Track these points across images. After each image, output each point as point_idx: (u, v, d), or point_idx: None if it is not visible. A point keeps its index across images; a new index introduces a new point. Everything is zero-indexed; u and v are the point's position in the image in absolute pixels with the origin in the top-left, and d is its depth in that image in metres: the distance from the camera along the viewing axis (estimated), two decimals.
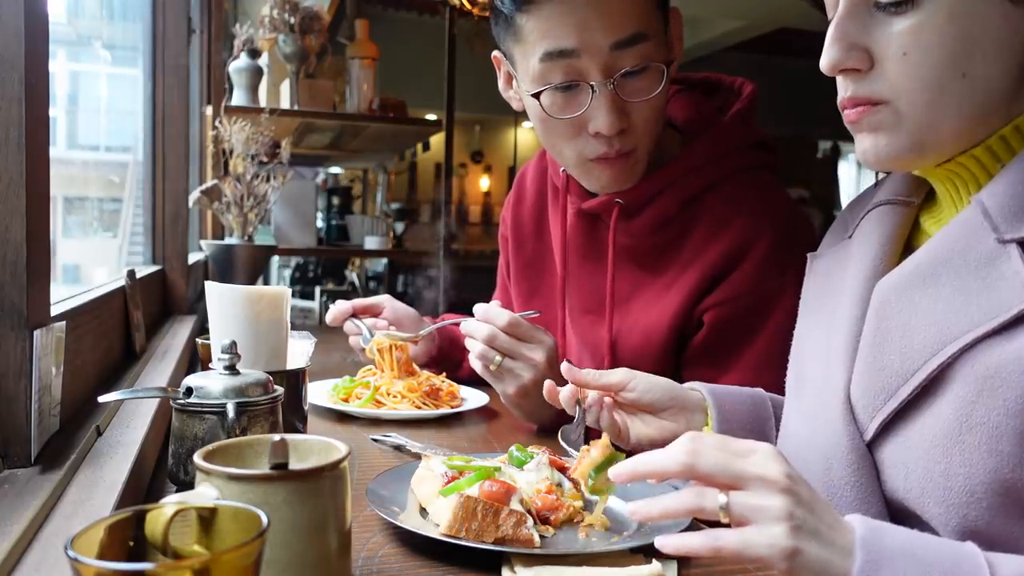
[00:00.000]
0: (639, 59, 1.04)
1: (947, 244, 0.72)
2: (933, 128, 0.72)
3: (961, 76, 0.69)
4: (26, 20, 0.67)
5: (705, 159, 1.13)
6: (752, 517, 0.57)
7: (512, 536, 0.66)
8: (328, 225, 3.55)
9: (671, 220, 1.14)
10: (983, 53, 0.69)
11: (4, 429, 0.68)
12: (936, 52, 0.69)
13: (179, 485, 0.76)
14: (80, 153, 2.03)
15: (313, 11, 2.63)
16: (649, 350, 1.16)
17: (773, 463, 0.59)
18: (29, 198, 0.68)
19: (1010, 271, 0.66)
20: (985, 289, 0.67)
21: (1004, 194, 0.69)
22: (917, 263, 0.73)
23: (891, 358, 0.72)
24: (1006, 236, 0.67)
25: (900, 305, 0.73)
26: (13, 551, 0.53)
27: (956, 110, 0.70)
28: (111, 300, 1.17)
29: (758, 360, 1.08)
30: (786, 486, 0.58)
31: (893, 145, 0.73)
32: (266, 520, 0.42)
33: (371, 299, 1.41)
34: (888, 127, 0.73)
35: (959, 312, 0.68)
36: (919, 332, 0.70)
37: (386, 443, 1.04)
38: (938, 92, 0.70)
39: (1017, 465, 0.63)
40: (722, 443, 0.62)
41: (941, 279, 0.70)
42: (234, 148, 1.92)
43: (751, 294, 1.09)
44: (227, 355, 0.76)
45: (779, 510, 0.57)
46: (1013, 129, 0.72)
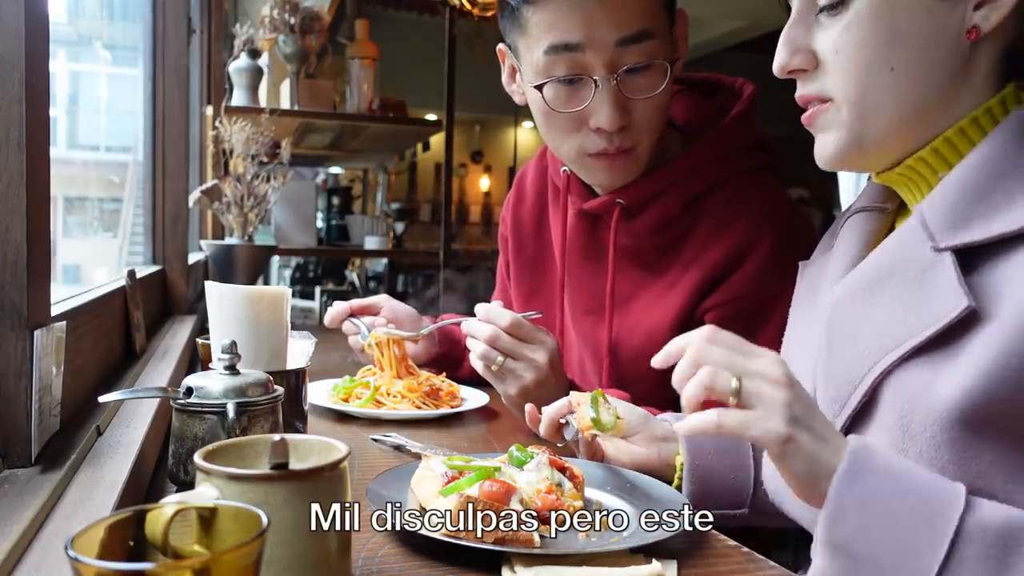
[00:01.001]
0: (643, 56, 1.04)
1: (889, 253, 0.73)
2: (869, 123, 0.74)
3: (889, 70, 0.71)
4: (26, 20, 0.67)
5: (706, 160, 1.13)
6: (755, 403, 0.63)
7: (512, 536, 0.66)
8: (328, 225, 3.55)
9: (672, 221, 1.14)
10: (910, 48, 0.71)
11: (4, 429, 0.68)
12: (863, 47, 0.72)
13: (179, 485, 0.76)
14: (80, 153, 2.03)
15: (313, 11, 2.63)
16: (651, 351, 1.13)
17: (778, 365, 0.64)
18: (29, 198, 0.68)
19: (943, 279, 0.66)
20: (921, 298, 0.68)
21: (941, 203, 0.69)
22: (863, 271, 0.75)
23: (840, 367, 0.73)
24: (941, 244, 0.68)
25: (848, 314, 0.75)
26: (13, 551, 0.53)
27: (888, 105, 0.72)
28: (111, 300, 1.17)
29: None
30: (788, 383, 0.63)
31: (837, 143, 0.76)
32: (266, 520, 0.42)
33: (369, 299, 1.41)
34: (832, 125, 0.76)
35: (898, 321, 0.69)
36: (862, 341, 0.71)
37: (386, 443, 1.04)
38: (868, 86, 0.73)
39: (957, 472, 0.64)
40: (736, 342, 0.66)
41: (883, 288, 0.72)
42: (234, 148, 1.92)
43: (752, 296, 1.10)
44: (227, 355, 0.76)
45: (780, 400, 0.62)
46: (958, 131, 0.72)
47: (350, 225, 3.53)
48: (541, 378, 1.04)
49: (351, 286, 4.58)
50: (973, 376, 0.62)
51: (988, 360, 0.62)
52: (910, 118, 0.73)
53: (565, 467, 0.80)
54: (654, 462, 0.91)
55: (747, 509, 0.92)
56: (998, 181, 0.67)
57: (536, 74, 1.08)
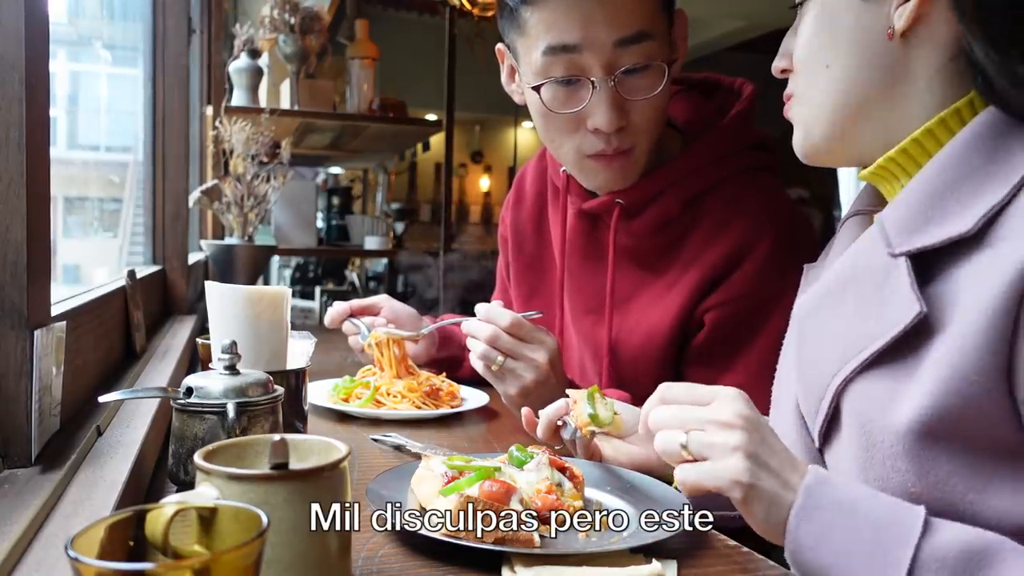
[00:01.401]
0: (641, 57, 1.04)
1: (851, 260, 0.74)
2: (813, 117, 0.78)
3: (824, 67, 0.76)
4: (26, 20, 0.67)
5: (706, 160, 1.13)
6: (708, 453, 0.64)
7: (512, 536, 0.66)
8: (328, 225, 3.55)
9: (672, 221, 1.14)
10: (841, 46, 0.75)
11: (4, 429, 0.68)
12: (806, 46, 0.78)
13: (179, 485, 0.76)
14: (80, 153, 2.03)
15: (313, 11, 2.63)
16: (650, 351, 1.16)
17: (729, 405, 0.65)
18: (29, 198, 0.68)
19: (898, 285, 0.67)
20: (879, 305, 0.68)
21: (900, 209, 0.70)
22: (828, 280, 0.76)
23: (812, 375, 0.74)
24: (896, 250, 0.68)
25: (814, 321, 0.76)
26: (13, 551, 0.53)
27: (826, 101, 0.77)
28: (111, 300, 1.17)
29: (758, 362, 1.08)
30: (739, 424, 0.64)
31: (798, 135, 0.81)
32: (266, 520, 0.42)
33: (369, 299, 1.41)
34: (795, 119, 0.81)
35: (858, 330, 0.69)
36: (829, 350, 0.72)
37: (386, 443, 1.04)
38: (811, 82, 0.78)
39: (917, 482, 0.64)
40: (686, 392, 0.68)
41: (846, 295, 0.73)
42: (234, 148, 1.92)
43: (751, 295, 1.10)
44: (227, 355, 0.76)
45: (732, 444, 0.63)
46: (925, 132, 0.73)
47: (350, 225, 3.53)
48: (541, 378, 1.04)
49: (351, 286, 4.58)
50: (927, 389, 0.63)
51: (940, 372, 0.62)
52: (849, 115, 0.76)
53: (565, 467, 0.80)
54: (653, 462, 0.91)
55: None
56: (954, 185, 0.68)
57: (534, 75, 1.08)
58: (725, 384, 1.05)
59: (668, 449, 0.66)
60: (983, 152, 0.67)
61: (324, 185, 4.20)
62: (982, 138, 0.68)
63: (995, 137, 0.67)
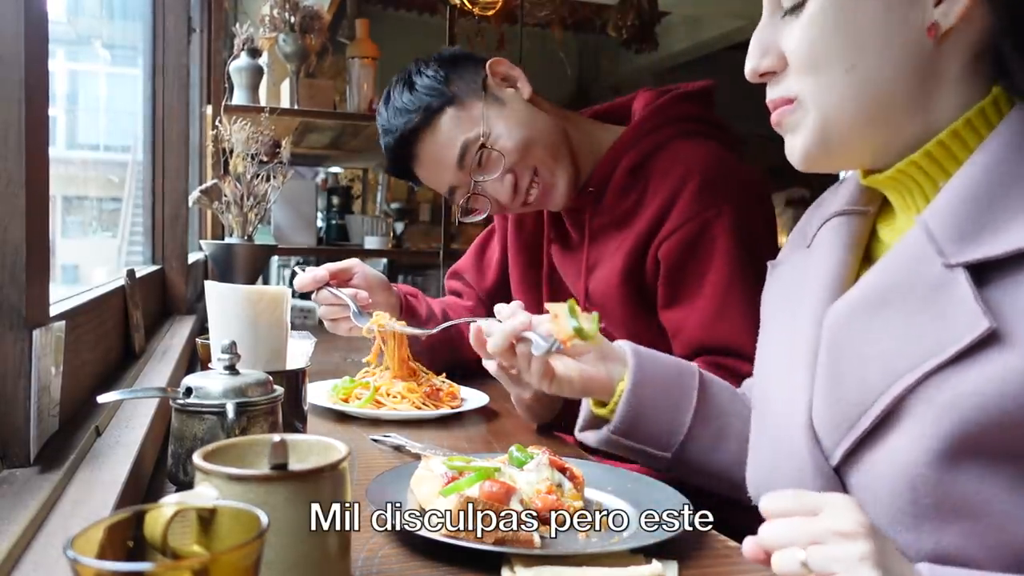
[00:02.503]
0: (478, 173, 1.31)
1: (894, 269, 0.70)
2: (831, 123, 0.72)
3: (850, 68, 0.70)
4: (25, 20, 0.67)
5: (641, 133, 1.32)
6: (835, 568, 0.56)
7: (512, 536, 0.66)
8: (328, 225, 3.54)
9: (628, 188, 1.31)
10: (868, 46, 0.69)
11: (3, 429, 0.68)
12: (821, 45, 0.71)
13: (179, 485, 0.76)
14: (80, 153, 2.02)
15: (313, 10, 2.63)
16: (611, 292, 1.31)
17: (845, 512, 0.58)
18: (28, 198, 0.68)
19: (958, 298, 0.64)
20: (935, 318, 0.65)
21: (947, 214, 0.67)
22: (866, 289, 0.72)
23: (848, 389, 0.70)
24: (952, 261, 0.65)
25: (852, 333, 0.71)
26: (12, 551, 0.53)
27: (849, 105, 0.71)
28: (110, 300, 1.17)
29: (718, 285, 1.21)
30: (861, 532, 0.57)
31: (804, 144, 0.75)
32: (266, 520, 0.42)
33: (342, 263, 1.41)
34: (798, 127, 0.75)
35: (912, 342, 0.66)
36: (873, 363, 0.69)
37: (386, 443, 1.04)
38: (828, 86, 0.71)
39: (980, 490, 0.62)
40: (793, 502, 0.60)
41: (890, 306, 0.69)
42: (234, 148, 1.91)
43: (692, 221, 1.23)
44: (227, 355, 0.76)
45: (859, 555, 0.56)
46: (951, 134, 0.70)
47: (350, 225, 3.53)
48: None
49: None
50: (990, 402, 0.61)
51: (1012, 384, 0.60)
52: (875, 118, 0.71)
53: (565, 467, 0.80)
54: (602, 380, 0.92)
55: (671, 455, 0.92)
56: (1006, 188, 0.65)
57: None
58: (695, 315, 1.22)
59: (789, 570, 0.58)
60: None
61: (324, 185, 4.20)
62: (1021, 138, 0.66)
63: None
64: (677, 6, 5.03)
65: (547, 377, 0.91)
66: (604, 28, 4.77)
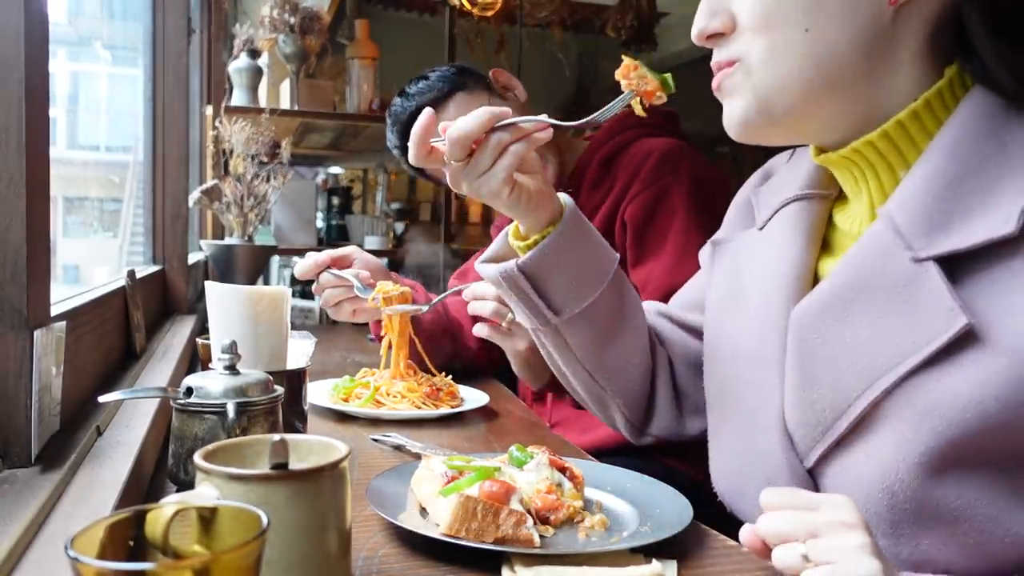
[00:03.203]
0: None
1: (861, 265, 0.67)
2: (777, 87, 0.69)
3: (804, 31, 0.67)
4: (26, 20, 0.67)
5: (613, 131, 1.48)
6: (835, 556, 0.56)
7: (512, 536, 0.66)
8: (328, 225, 3.54)
9: (600, 179, 1.45)
10: (827, 9, 0.66)
11: (4, 429, 0.68)
12: (776, 5, 0.68)
13: (179, 485, 0.76)
14: (80, 153, 2.03)
15: (313, 11, 2.63)
16: None
17: (844, 508, 0.58)
18: (29, 198, 0.68)
19: (930, 294, 0.61)
20: (908, 315, 0.62)
21: (912, 205, 0.64)
22: (833, 287, 0.69)
23: (822, 392, 0.68)
24: (921, 254, 0.62)
25: (822, 334, 0.69)
26: (13, 551, 0.53)
27: (798, 68, 0.68)
28: (111, 300, 1.17)
29: (679, 236, 1.33)
30: (861, 524, 0.57)
31: (745, 108, 0.72)
32: (266, 520, 0.42)
33: (341, 249, 1.41)
34: (739, 89, 0.72)
35: (886, 342, 0.64)
36: (847, 365, 0.66)
37: (386, 443, 1.04)
38: (780, 46, 0.68)
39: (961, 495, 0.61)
40: (791, 497, 0.60)
41: (860, 305, 0.66)
42: (234, 148, 1.92)
43: (653, 185, 1.37)
44: (227, 355, 0.76)
45: (858, 544, 0.56)
46: (911, 115, 0.67)
47: (350, 225, 3.53)
48: None
49: None
50: (972, 403, 0.59)
51: (992, 385, 0.58)
52: (825, 87, 0.68)
53: (565, 467, 0.80)
54: (552, 203, 0.86)
55: (559, 320, 0.88)
56: (969, 177, 0.62)
57: None
58: (657, 267, 1.29)
59: (790, 563, 0.58)
60: (990, 139, 0.63)
61: (324, 185, 4.20)
62: (984, 123, 0.63)
63: (996, 120, 0.63)
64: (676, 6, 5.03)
65: (510, 183, 0.82)
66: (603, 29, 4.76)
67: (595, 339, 0.91)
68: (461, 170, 0.82)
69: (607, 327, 0.91)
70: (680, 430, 0.98)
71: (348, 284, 1.34)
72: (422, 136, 0.82)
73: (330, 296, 1.37)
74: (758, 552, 0.60)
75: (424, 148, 0.82)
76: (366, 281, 1.34)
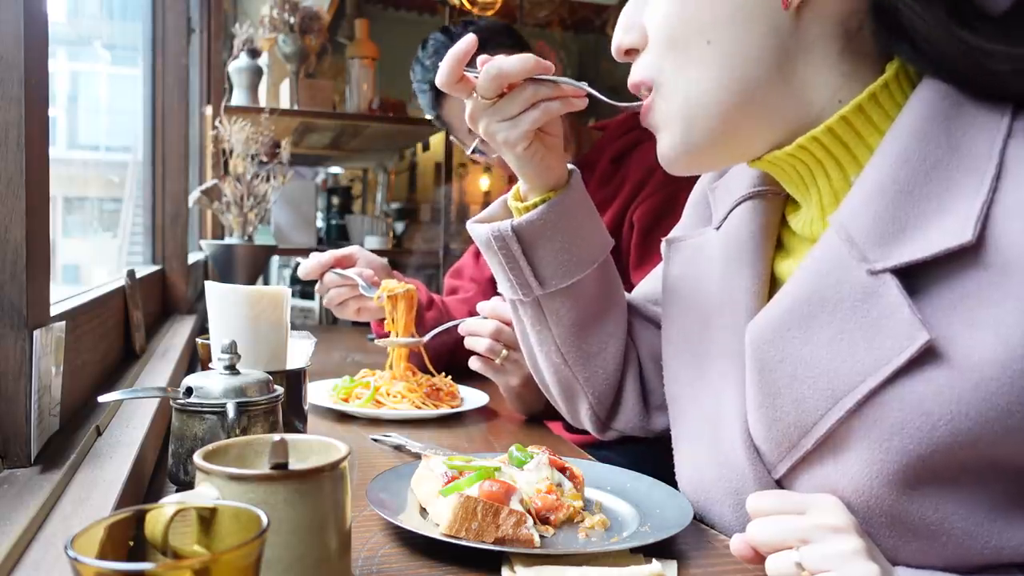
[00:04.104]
0: None
1: (814, 279, 0.64)
2: (698, 108, 0.67)
3: (706, 43, 0.65)
4: (25, 20, 0.67)
5: (625, 129, 1.48)
6: (831, 565, 0.55)
7: (512, 536, 0.66)
8: (328, 225, 3.55)
9: (609, 176, 1.45)
10: (725, 18, 0.64)
11: (4, 429, 0.68)
12: (678, 17, 0.66)
13: (179, 485, 0.76)
14: (80, 153, 2.03)
15: (313, 11, 2.63)
16: None
17: (833, 510, 0.58)
18: (29, 198, 0.68)
19: (888, 308, 0.59)
20: (867, 331, 0.60)
21: (864, 213, 0.61)
22: (787, 302, 0.66)
23: (785, 410, 0.66)
24: (877, 266, 0.59)
25: (781, 352, 0.66)
26: (13, 551, 0.53)
27: (707, 81, 0.66)
28: (111, 300, 1.17)
29: None
30: (852, 528, 0.56)
31: (668, 141, 0.71)
32: (266, 520, 0.42)
33: (344, 250, 1.42)
34: (661, 121, 0.71)
35: (846, 360, 0.61)
36: (808, 384, 0.64)
37: (386, 443, 1.04)
38: (685, 60, 0.67)
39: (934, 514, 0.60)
40: (778, 501, 0.59)
41: (817, 320, 0.63)
42: (234, 148, 1.92)
43: (664, 188, 1.37)
44: (227, 355, 0.76)
45: (853, 549, 0.55)
46: (855, 109, 0.64)
47: (350, 225, 3.53)
48: None
49: None
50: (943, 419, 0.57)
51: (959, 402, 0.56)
52: (739, 102, 0.66)
53: (565, 467, 0.80)
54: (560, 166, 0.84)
55: (540, 293, 0.86)
56: (920, 182, 0.59)
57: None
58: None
59: (784, 572, 0.57)
60: (940, 137, 0.60)
61: (324, 185, 4.20)
62: (934, 120, 0.60)
63: (947, 117, 0.60)
64: None
65: (529, 137, 0.80)
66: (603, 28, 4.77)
67: (575, 320, 0.89)
68: (485, 108, 0.79)
69: (589, 309, 0.89)
70: (646, 425, 0.96)
71: (352, 283, 1.34)
72: (459, 58, 0.77)
73: (335, 295, 1.37)
74: (750, 560, 0.59)
75: (456, 73, 0.78)
76: (370, 280, 1.34)
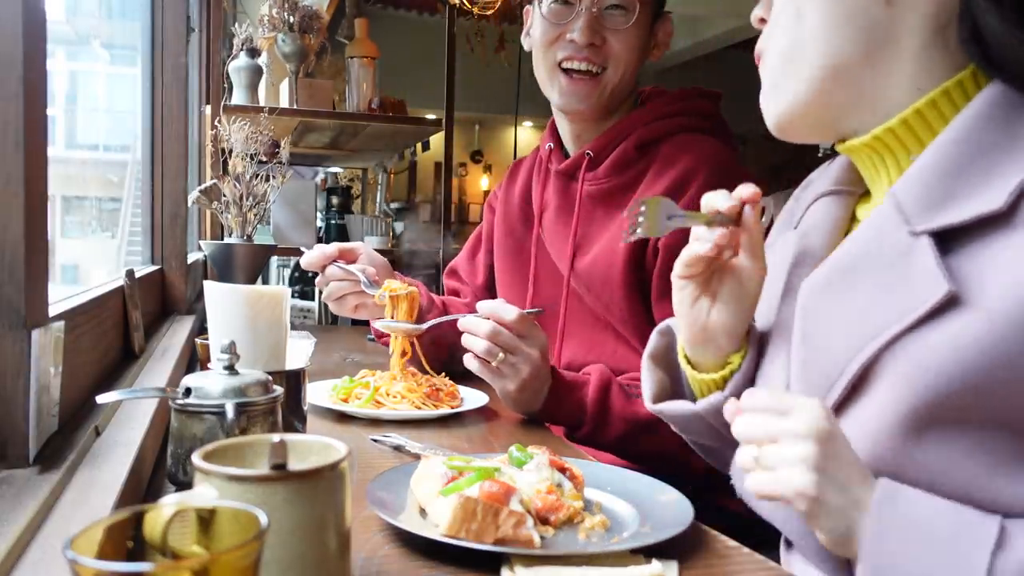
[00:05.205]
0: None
1: (864, 239, 0.71)
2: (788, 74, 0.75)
3: (798, 17, 0.73)
4: (24, 19, 0.67)
5: (657, 115, 1.36)
6: (776, 465, 0.62)
7: (512, 536, 0.66)
8: (328, 225, 3.55)
9: (629, 162, 1.34)
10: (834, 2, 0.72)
11: (2, 429, 0.68)
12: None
13: (178, 485, 0.76)
14: (79, 153, 2.02)
15: (312, 10, 2.63)
16: (612, 276, 1.31)
17: (806, 416, 0.62)
18: (27, 198, 0.68)
19: (921, 264, 0.65)
20: (900, 284, 0.66)
21: (915, 184, 0.68)
22: (837, 259, 0.73)
23: (819, 358, 0.72)
24: (917, 228, 0.66)
25: (823, 303, 0.73)
26: (12, 551, 0.53)
27: (800, 55, 0.73)
28: (110, 300, 1.17)
29: None
30: (811, 435, 0.61)
31: (773, 106, 0.78)
32: (265, 520, 0.42)
33: (348, 244, 1.44)
34: (766, 77, 0.78)
35: (877, 310, 0.67)
36: (841, 330, 0.70)
37: (386, 443, 1.04)
38: (785, 33, 0.74)
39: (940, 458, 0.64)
40: (767, 400, 0.65)
41: (859, 275, 0.70)
42: (233, 147, 1.91)
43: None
44: (226, 355, 0.76)
45: (800, 456, 0.61)
46: (929, 104, 0.70)
47: (350, 225, 3.53)
48: (536, 371, 1.08)
49: None
50: (952, 368, 0.61)
51: (971, 348, 0.61)
52: (828, 76, 0.73)
53: (565, 467, 0.80)
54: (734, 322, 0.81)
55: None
56: (973, 160, 0.66)
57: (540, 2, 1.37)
58: None
59: (744, 463, 0.65)
60: (999, 126, 0.66)
61: (323, 184, 4.20)
62: (996, 112, 0.66)
63: (1008, 110, 0.66)
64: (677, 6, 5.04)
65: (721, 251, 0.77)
66: None
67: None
68: None
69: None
70: None
71: (354, 279, 1.34)
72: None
73: (335, 288, 1.37)
74: None
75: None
76: (372, 278, 1.34)
